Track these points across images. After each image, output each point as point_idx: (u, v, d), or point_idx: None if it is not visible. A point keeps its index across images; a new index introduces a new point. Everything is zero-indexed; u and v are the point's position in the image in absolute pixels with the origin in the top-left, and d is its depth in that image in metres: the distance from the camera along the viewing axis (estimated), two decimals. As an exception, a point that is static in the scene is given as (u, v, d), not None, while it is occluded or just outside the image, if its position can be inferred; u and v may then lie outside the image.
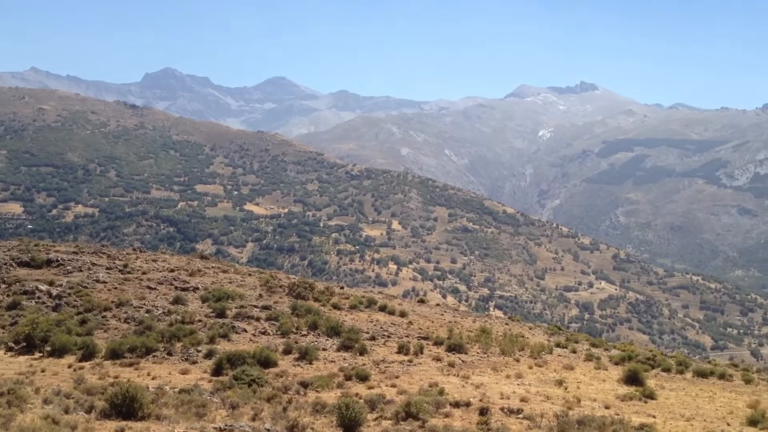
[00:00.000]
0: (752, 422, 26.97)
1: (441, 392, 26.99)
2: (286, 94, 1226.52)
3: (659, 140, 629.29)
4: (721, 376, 38.90)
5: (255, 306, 41.14)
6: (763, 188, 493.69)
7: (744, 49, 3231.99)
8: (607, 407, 28.06)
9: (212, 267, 52.70)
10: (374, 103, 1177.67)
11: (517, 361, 37.01)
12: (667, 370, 39.43)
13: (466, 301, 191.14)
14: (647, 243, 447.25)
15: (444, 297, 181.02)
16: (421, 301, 62.44)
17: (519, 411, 25.11)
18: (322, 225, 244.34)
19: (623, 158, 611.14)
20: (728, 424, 26.75)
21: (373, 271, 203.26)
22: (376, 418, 22.74)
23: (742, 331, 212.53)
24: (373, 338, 38.00)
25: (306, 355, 32.14)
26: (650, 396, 30.78)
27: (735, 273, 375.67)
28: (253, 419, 21.04)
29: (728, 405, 30.95)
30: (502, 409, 25.31)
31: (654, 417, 26.98)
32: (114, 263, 47.28)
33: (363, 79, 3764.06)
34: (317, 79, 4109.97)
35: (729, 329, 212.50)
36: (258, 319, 38.53)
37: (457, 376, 31.58)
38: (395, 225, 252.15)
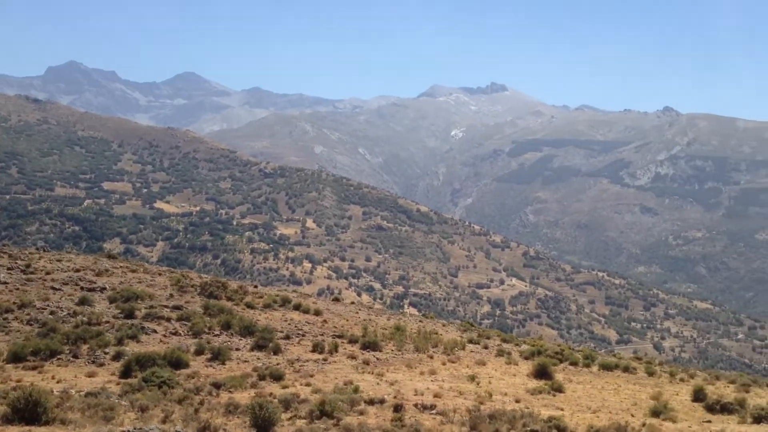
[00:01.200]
0: (655, 413, 28.00)
1: (356, 390, 27.03)
2: (196, 90, 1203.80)
3: (566, 141, 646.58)
4: (626, 369, 40.27)
5: (165, 306, 40.27)
6: (664, 188, 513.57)
7: (645, 52, 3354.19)
8: (517, 401, 28.64)
9: (120, 266, 51.31)
10: (288, 100, 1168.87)
11: (431, 357, 37.40)
12: (575, 363, 40.56)
13: (381, 299, 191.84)
14: (555, 240, 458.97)
15: (359, 295, 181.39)
16: (336, 300, 62.41)
17: (433, 407, 25.37)
18: (235, 223, 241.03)
19: (532, 158, 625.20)
20: (632, 416, 27.68)
21: (287, 269, 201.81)
22: (290, 418, 22.59)
23: (645, 325, 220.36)
24: (287, 337, 37.75)
25: (219, 356, 31.67)
26: (559, 389, 31.57)
27: (638, 269, 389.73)
28: (164, 422, 20.59)
29: (632, 397, 32.03)
30: (416, 405, 25.52)
31: (562, 410, 27.68)
32: (16, 263, 45.44)
33: (276, 76, 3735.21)
34: (229, 75, 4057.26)
35: (633, 323, 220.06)
36: (169, 320, 37.72)
37: (372, 373, 31.70)
38: (310, 223, 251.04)
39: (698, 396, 32.18)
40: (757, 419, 28.59)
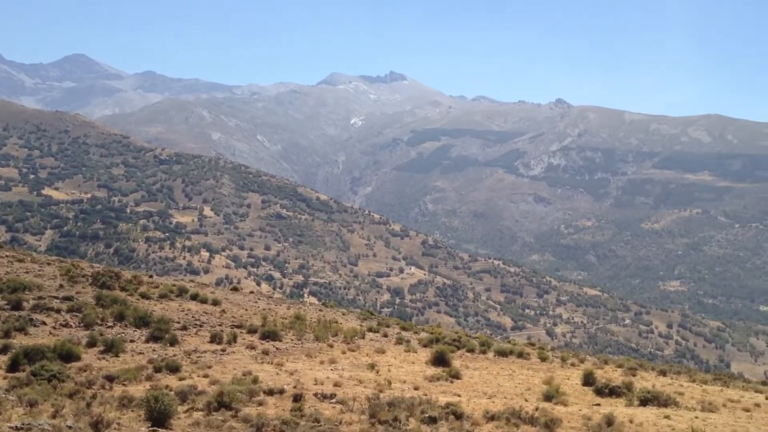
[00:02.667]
0: (547, 397, 28.89)
1: (255, 380, 26.76)
2: (86, 72, 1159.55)
3: (464, 131, 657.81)
4: (520, 355, 41.37)
5: (55, 297, 38.78)
6: (556, 178, 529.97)
7: (538, 44, 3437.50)
8: (416, 388, 29.01)
9: (6, 256, 49.11)
10: (183, 85, 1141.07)
11: (331, 346, 37.40)
12: (472, 350, 41.39)
13: (281, 288, 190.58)
14: (453, 229, 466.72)
15: (258, 284, 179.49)
16: (235, 289, 61.59)
17: (332, 396, 25.39)
18: (129, 211, 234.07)
19: (431, 147, 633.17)
20: (526, 400, 28.46)
21: (184, 258, 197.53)
22: (187, 410, 22.16)
23: (538, 311, 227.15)
24: (184, 328, 37.01)
25: (112, 348, 30.73)
26: (456, 376, 32.16)
27: (532, 257, 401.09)
28: (54, 417, 19.84)
29: (526, 382, 32.94)
30: (315, 394, 25.48)
31: (459, 396, 28.21)
32: None
33: (171, 59, 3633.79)
34: (121, 57, 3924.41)
35: (527, 310, 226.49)
36: (59, 311, 36.32)
37: (272, 363, 31.44)
38: (207, 211, 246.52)
39: (588, 380, 33.38)
40: (643, 401, 29.91)
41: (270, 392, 25.13)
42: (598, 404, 29.22)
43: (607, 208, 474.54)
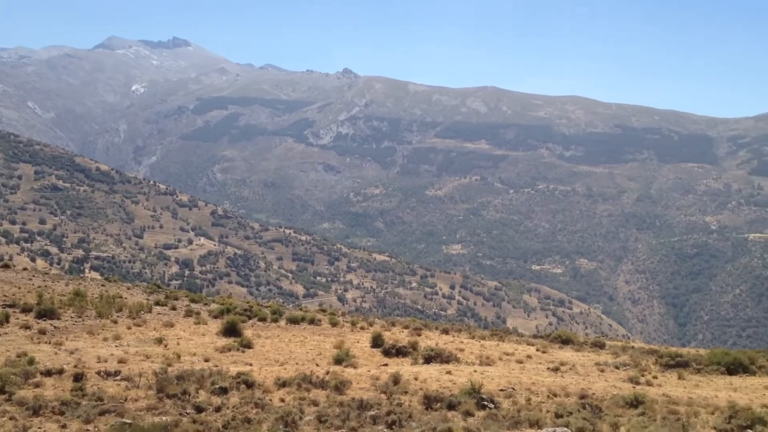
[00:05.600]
0: (338, 361, 29.62)
1: (31, 362, 25.08)
2: None
3: (252, 99, 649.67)
4: (311, 322, 41.95)
5: None
6: (345, 147, 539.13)
7: (324, 12, 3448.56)
8: (206, 360, 28.60)
9: None
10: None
11: (115, 322, 35.90)
12: (263, 319, 41.39)
13: (59, 264, 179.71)
14: (244, 199, 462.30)
15: (33, 260, 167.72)
16: (6, 266, 57.13)
17: (117, 373, 24.41)
18: None
19: (218, 116, 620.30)
20: (317, 365, 28.96)
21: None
22: (-48, 399, 20.35)
23: (329, 278, 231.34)
24: (-54, 311, 33.84)
25: None
26: (248, 345, 32.08)
27: (323, 225, 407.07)
28: None
29: (317, 347, 33.49)
30: (98, 372, 24.38)
31: (251, 365, 28.16)
32: None
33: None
34: None
35: (318, 278, 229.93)
36: None
37: (49, 343, 29.63)
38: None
39: (377, 342, 34.54)
40: (428, 359, 31.48)
41: (48, 373, 23.67)
42: (386, 364, 30.32)
43: (393, 176, 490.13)
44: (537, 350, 37.87)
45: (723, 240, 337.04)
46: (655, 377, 31.50)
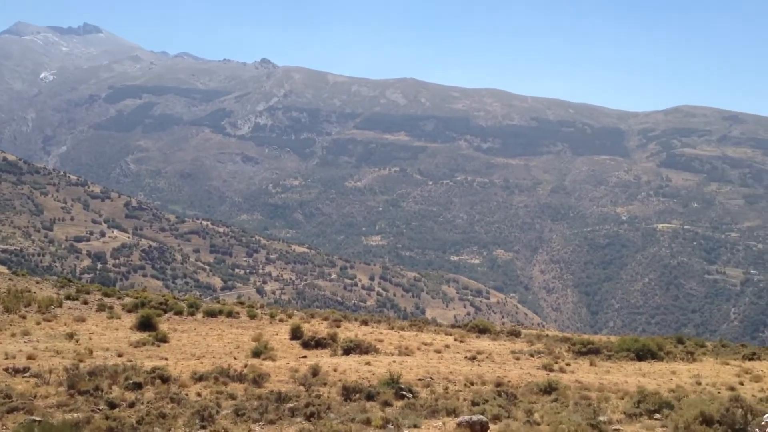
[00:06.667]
0: (256, 354, 29.41)
1: (-69, 361, 24.03)
2: None
3: (167, 88, 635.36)
4: (229, 315, 41.52)
5: None
6: (264, 137, 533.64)
7: (239, 1, 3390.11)
8: (120, 355, 28.01)
9: None
10: None
11: (24, 318, 34.79)
12: (180, 313, 40.75)
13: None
14: (159, 190, 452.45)
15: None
16: None
17: (26, 369, 23.69)
18: None
19: (132, 105, 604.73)
20: (235, 358, 28.68)
21: None
22: None
23: (248, 270, 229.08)
24: None
25: None
26: (163, 339, 31.55)
27: (241, 217, 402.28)
28: None
29: (235, 340, 33.19)
30: (6, 369, 23.61)
31: (166, 359, 27.69)
32: None
33: None
34: None
35: (237, 270, 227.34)
36: None
37: (-48, 341, 28.46)
38: None
39: (296, 334, 34.45)
40: (347, 351, 31.56)
41: (-50, 372, 22.74)
42: (305, 356, 30.27)
43: (313, 167, 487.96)
44: (455, 340, 38.42)
45: (633, 230, 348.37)
46: (568, 364, 32.40)
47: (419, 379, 25.82)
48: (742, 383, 29.76)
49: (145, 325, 34.32)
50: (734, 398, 19.67)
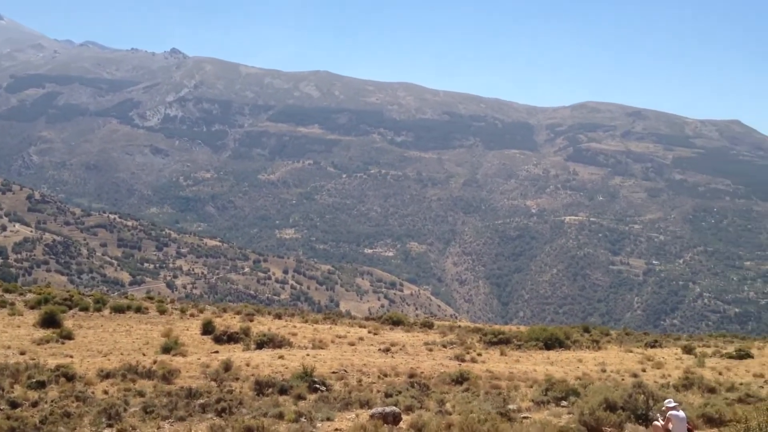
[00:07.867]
0: (166, 350, 28.80)
1: None
2: None
3: (72, 78, 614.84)
4: (138, 310, 40.55)
5: None
6: (174, 129, 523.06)
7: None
8: (22, 353, 27.03)
9: None
10: None
11: None
12: (86, 309, 39.57)
13: None
14: (63, 183, 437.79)
15: None
16: None
17: None
18: None
19: (34, 95, 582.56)
20: (144, 354, 28.03)
21: None
22: None
23: (158, 265, 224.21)
24: None
25: None
26: (68, 336, 30.60)
27: (150, 210, 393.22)
28: None
29: (144, 336, 32.43)
30: None
31: (72, 357, 26.86)
32: None
33: None
34: None
35: (146, 264, 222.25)
36: None
37: None
38: None
39: (207, 329, 33.91)
40: (260, 345, 31.23)
41: None
42: (217, 351, 29.84)
43: (225, 159, 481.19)
44: (369, 332, 38.57)
45: (542, 222, 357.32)
46: (479, 354, 32.96)
47: (333, 372, 25.79)
48: (644, 370, 30.89)
49: (49, 321, 33.18)
50: (637, 384, 20.38)
